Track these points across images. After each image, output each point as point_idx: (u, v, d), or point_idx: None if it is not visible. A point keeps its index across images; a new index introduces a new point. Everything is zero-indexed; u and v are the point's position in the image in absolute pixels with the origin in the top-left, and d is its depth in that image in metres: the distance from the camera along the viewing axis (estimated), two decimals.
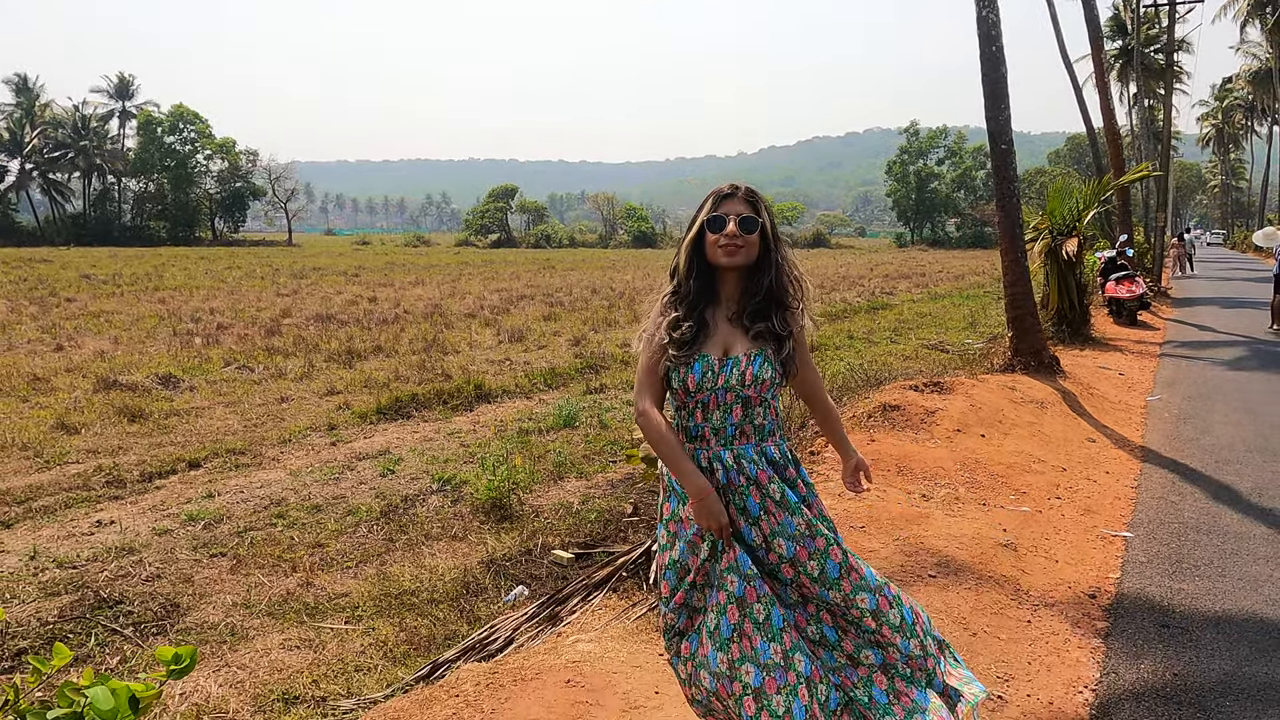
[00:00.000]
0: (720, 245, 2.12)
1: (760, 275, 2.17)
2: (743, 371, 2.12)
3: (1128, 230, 17.90)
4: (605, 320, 16.90)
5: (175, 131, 69.95)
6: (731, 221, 2.13)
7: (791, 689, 1.99)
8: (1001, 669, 2.92)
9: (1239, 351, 10.99)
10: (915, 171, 78.12)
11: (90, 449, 7.40)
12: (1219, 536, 4.19)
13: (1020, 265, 8.39)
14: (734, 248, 2.12)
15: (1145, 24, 31.66)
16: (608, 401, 9.27)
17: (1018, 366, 8.05)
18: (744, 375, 2.12)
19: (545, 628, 3.47)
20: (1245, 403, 7.63)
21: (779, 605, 2.07)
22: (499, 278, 30.29)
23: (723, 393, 2.13)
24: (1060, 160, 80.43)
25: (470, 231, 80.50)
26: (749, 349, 2.15)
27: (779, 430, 2.22)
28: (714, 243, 2.14)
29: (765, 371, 2.13)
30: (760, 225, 2.17)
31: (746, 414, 2.15)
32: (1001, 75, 7.62)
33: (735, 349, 2.16)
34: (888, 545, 3.78)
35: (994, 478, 4.84)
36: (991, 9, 7.41)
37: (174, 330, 14.72)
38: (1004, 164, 8.05)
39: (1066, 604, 3.41)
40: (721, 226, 2.13)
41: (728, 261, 2.14)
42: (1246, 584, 3.64)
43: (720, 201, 2.17)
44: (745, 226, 2.13)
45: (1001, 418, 5.93)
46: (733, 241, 2.12)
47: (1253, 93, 53.19)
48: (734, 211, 2.15)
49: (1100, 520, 4.46)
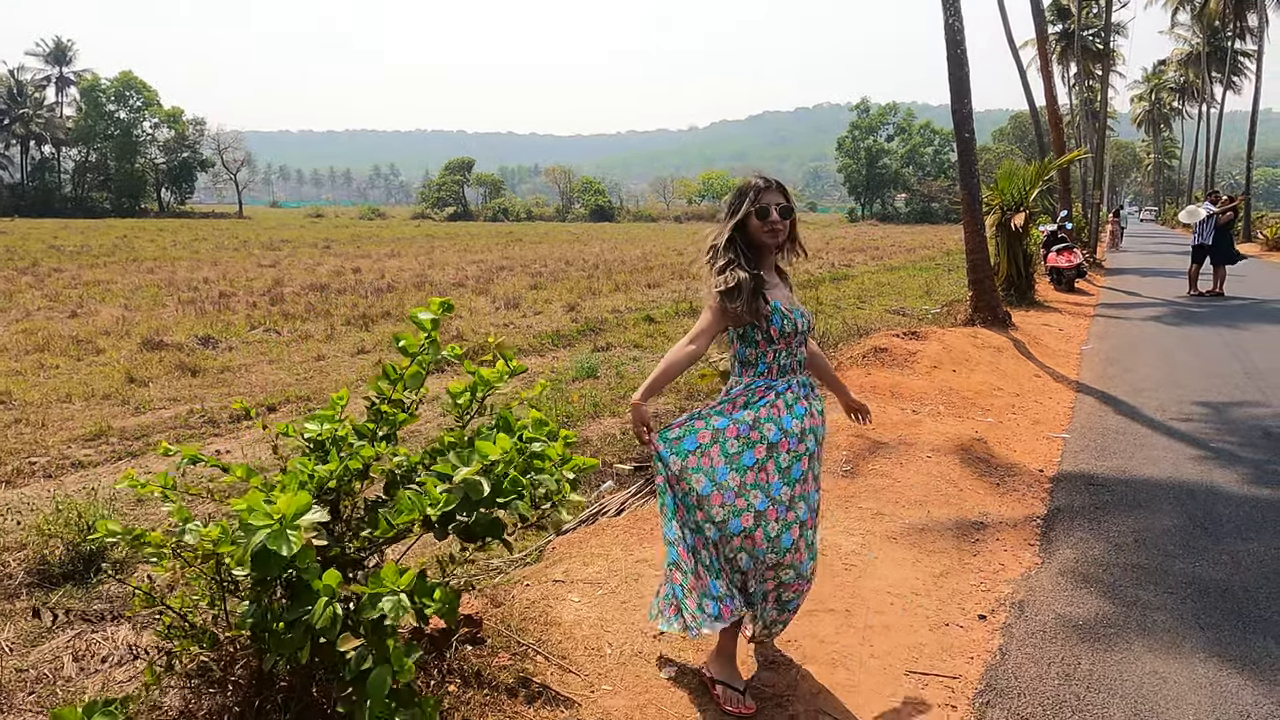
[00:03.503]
0: (765, 230, 2.55)
1: (788, 250, 2.67)
2: (807, 319, 2.66)
3: (1067, 206, 19.52)
4: (589, 289, 17.91)
5: (120, 100, 67.90)
6: (774, 210, 2.54)
7: (787, 524, 2.50)
8: (984, 508, 4.24)
9: (1159, 311, 12.64)
10: (866, 148, 80.00)
11: (169, 398, 8.27)
12: (1131, 436, 5.60)
13: (980, 236, 9.78)
14: (776, 231, 2.56)
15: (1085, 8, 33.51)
16: (617, 358, 10.36)
17: (977, 321, 9.50)
18: (809, 321, 2.67)
19: (649, 498, 4.65)
20: (1160, 350, 9.16)
21: (800, 465, 2.57)
22: (470, 250, 30.92)
23: (801, 336, 2.64)
24: (1004, 138, 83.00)
25: (427, 204, 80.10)
26: (796, 301, 2.69)
27: None
28: (759, 228, 2.55)
29: (811, 318, 2.72)
30: (792, 211, 2.61)
31: (804, 350, 2.70)
32: (964, 74, 8.92)
33: (792, 301, 2.67)
34: (893, 439, 5.08)
35: (965, 400, 6.19)
36: (956, 17, 8.68)
37: (179, 299, 15.34)
38: (966, 150, 9.38)
39: (1024, 474, 4.78)
40: (766, 215, 2.54)
41: (772, 243, 2.58)
42: (1147, 462, 5.06)
43: (760, 194, 2.56)
44: (784, 214, 2.57)
45: (968, 358, 7.32)
46: (775, 226, 2.55)
47: (1183, 75, 55.83)
48: (774, 202, 2.55)
49: (1046, 428, 5.86)
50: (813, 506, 2.61)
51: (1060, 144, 19.70)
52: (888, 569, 3.56)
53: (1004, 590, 3.41)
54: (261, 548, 1.59)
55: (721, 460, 2.50)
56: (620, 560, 3.51)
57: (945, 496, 4.36)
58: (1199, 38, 47.65)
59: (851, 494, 4.38)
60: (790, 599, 2.59)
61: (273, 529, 1.60)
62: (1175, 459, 5.13)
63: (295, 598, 1.77)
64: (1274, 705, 2.60)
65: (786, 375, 2.62)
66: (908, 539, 3.87)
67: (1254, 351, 8.91)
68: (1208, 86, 48.59)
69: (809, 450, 2.58)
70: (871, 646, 2.95)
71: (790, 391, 2.60)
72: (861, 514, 4.12)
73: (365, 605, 1.70)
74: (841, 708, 2.60)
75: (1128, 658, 2.87)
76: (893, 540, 3.85)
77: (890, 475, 4.61)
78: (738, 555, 2.52)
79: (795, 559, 2.52)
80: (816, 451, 2.64)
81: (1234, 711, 2.57)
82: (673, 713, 2.54)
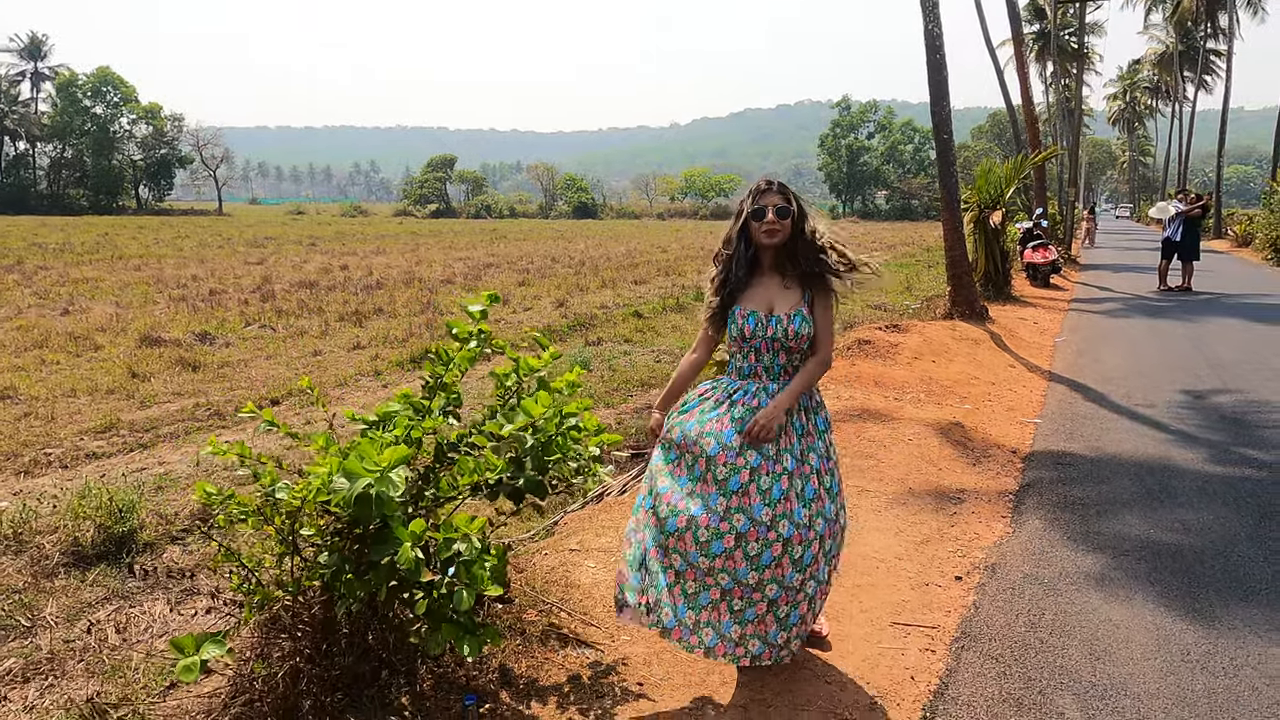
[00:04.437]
0: (762, 230, 2.63)
1: (793, 249, 2.67)
2: (785, 328, 2.63)
3: (1043, 204, 20.02)
4: (577, 286, 18.16)
5: (98, 96, 67.19)
6: (770, 211, 2.62)
7: (768, 542, 2.48)
8: (963, 483, 4.60)
9: (1129, 306, 13.13)
10: (847, 145, 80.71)
11: (172, 392, 8.47)
12: (1097, 421, 5.99)
13: (958, 233, 10.17)
14: (773, 231, 2.63)
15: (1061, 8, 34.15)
16: (608, 352, 10.66)
17: (955, 315, 9.91)
18: (785, 330, 2.62)
19: None
20: (1129, 342, 9.59)
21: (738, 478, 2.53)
22: (456, 247, 31.04)
23: (770, 341, 2.64)
24: (983, 135, 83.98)
25: (409, 201, 79.95)
26: (790, 308, 2.65)
27: None
28: (757, 229, 2.64)
29: (803, 327, 2.63)
30: (791, 211, 2.65)
31: (789, 359, 2.67)
32: (943, 78, 9.30)
33: (778, 308, 2.65)
34: (878, 424, 5.42)
35: (944, 388, 6.56)
36: (936, 24, 9.05)
37: (169, 296, 15.45)
38: (945, 150, 9.76)
39: (998, 455, 5.16)
40: (762, 216, 2.63)
41: (768, 242, 2.64)
42: (1111, 443, 5.46)
43: (759, 196, 2.66)
44: (780, 214, 2.63)
45: (946, 349, 7.70)
46: (771, 226, 2.62)
47: (1157, 74, 56.82)
48: (771, 203, 2.63)
49: (1019, 413, 6.24)
50: (802, 521, 2.52)
51: (1036, 143, 20.20)
52: (873, 538, 3.89)
53: (978, 555, 3.76)
54: (362, 492, 1.88)
55: (671, 468, 2.65)
56: None
57: (925, 474, 4.71)
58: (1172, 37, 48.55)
59: None
60: (787, 613, 2.55)
61: (376, 476, 1.89)
62: (1137, 441, 5.52)
63: (377, 544, 2.06)
64: (1210, 645, 2.96)
65: (747, 379, 2.68)
66: (891, 512, 4.21)
67: (1216, 344, 9.37)
68: (1180, 86, 49.54)
69: (749, 465, 2.53)
70: (860, 602, 3.29)
71: (741, 404, 2.62)
72: (849, 490, 4.46)
73: (443, 546, 2.00)
74: (831, 652, 2.93)
75: (1086, 609, 3.22)
76: (878, 513, 4.19)
77: (874, 456, 4.96)
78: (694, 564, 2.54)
79: (777, 573, 2.50)
80: (798, 469, 2.56)
81: (1175, 649, 2.93)
82: (683, 658, 2.85)
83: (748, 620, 2.54)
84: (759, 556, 2.49)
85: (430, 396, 2.47)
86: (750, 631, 2.54)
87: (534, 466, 2.24)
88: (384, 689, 2.45)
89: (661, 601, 2.58)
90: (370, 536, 2.12)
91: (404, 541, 1.96)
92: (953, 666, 2.84)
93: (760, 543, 2.49)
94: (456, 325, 2.59)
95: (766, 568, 2.49)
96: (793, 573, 2.51)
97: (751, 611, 2.54)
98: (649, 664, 2.81)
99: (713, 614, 2.55)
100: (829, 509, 2.61)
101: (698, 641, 2.55)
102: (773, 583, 2.51)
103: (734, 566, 2.50)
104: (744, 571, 2.50)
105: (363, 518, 1.99)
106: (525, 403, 2.23)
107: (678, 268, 22.17)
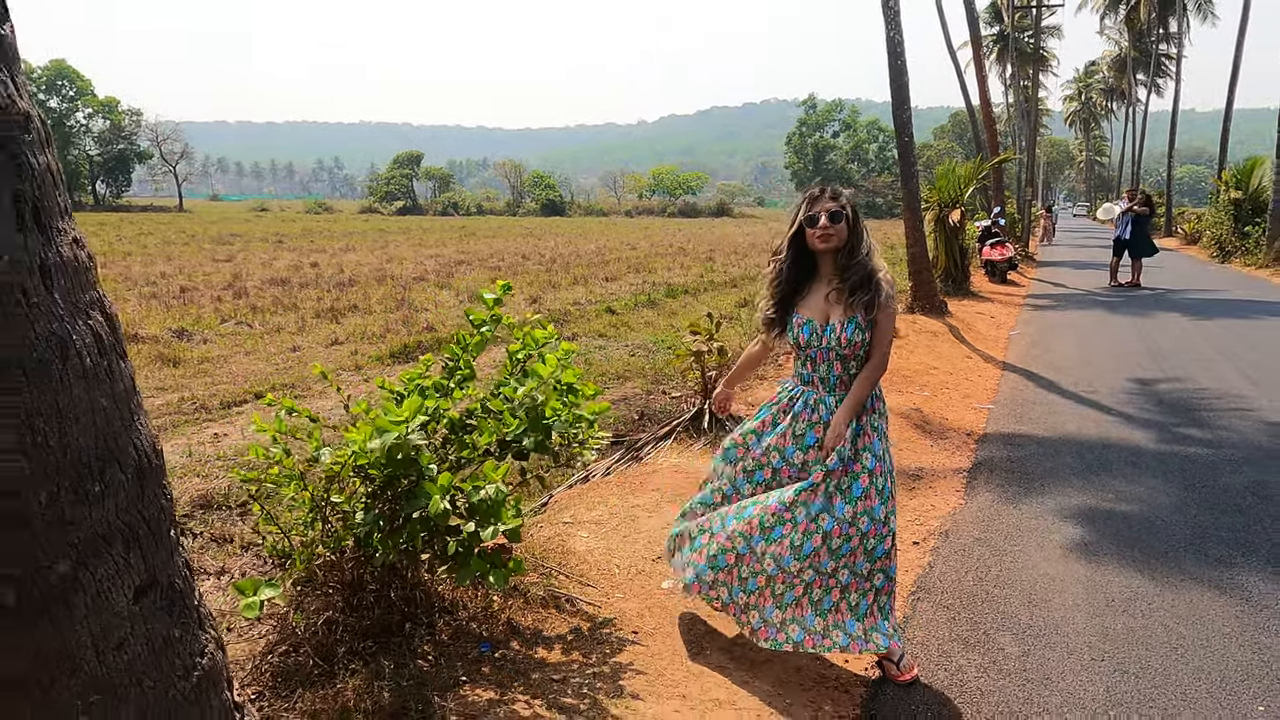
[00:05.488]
0: (817, 236, 2.63)
1: (850, 255, 2.65)
2: (838, 336, 2.62)
3: (1001, 203, 20.70)
4: (549, 283, 18.38)
5: (53, 89, 65.70)
6: (823, 216, 2.63)
7: (808, 533, 2.62)
8: (921, 462, 5.00)
9: (1081, 301, 13.76)
10: (813, 144, 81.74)
11: (155, 387, 8.59)
12: (1045, 405, 6.46)
13: (918, 231, 10.65)
14: (826, 236, 2.62)
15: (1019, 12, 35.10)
16: (583, 346, 10.93)
17: (916, 309, 10.38)
18: (839, 338, 2.62)
19: (631, 463, 5.28)
20: (1078, 334, 10.15)
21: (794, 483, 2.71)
22: (426, 244, 31.02)
23: (825, 351, 2.65)
24: (944, 135, 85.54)
25: (375, 198, 79.28)
26: (844, 316, 2.64)
27: None
28: (811, 235, 2.65)
29: (857, 335, 2.61)
30: (845, 216, 2.64)
31: (845, 368, 2.68)
32: (904, 83, 9.75)
33: (833, 316, 2.65)
34: None
35: (905, 378, 6.99)
36: (897, 31, 9.49)
37: (140, 293, 15.41)
38: (906, 152, 10.22)
39: (955, 435, 5.60)
40: (815, 222, 2.64)
41: (823, 248, 2.64)
42: (1057, 425, 5.93)
43: (813, 202, 2.67)
44: (833, 219, 2.63)
45: (908, 341, 8.15)
46: (825, 232, 2.62)
47: (1112, 77, 58.43)
48: (824, 209, 2.63)
49: (975, 400, 6.69)
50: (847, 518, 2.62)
51: (994, 144, 20.89)
52: None
53: (934, 524, 4.15)
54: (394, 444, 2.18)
55: (740, 472, 2.89)
56: (617, 506, 4.15)
57: None
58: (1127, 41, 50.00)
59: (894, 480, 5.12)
60: (857, 601, 2.64)
61: (401, 429, 2.20)
62: (1081, 422, 5.98)
63: (410, 499, 2.37)
64: (1131, 593, 3.38)
65: (807, 386, 2.75)
66: None
67: (1159, 335, 9.95)
68: (1133, 88, 51.04)
69: (810, 474, 2.68)
70: None
71: (803, 418, 2.73)
72: None
73: (472, 492, 2.31)
74: None
75: (1026, 565, 3.63)
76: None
77: None
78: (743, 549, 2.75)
79: (815, 561, 2.62)
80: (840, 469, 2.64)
81: (1101, 597, 3.34)
82: (672, 611, 3.19)
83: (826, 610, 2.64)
84: (801, 547, 2.62)
85: (450, 376, 2.77)
86: (832, 622, 2.64)
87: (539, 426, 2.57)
88: (408, 639, 2.75)
89: (750, 605, 2.71)
90: (402, 494, 2.42)
91: (433, 495, 2.27)
92: (910, 615, 3.22)
93: (804, 534, 2.63)
94: (473, 313, 2.89)
95: (809, 556, 2.61)
96: (827, 560, 2.61)
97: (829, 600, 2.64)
98: (642, 616, 3.14)
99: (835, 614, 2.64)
100: (878, 510, 2.63)
101: (785, 638, 2.65)
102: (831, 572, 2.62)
103: (818, 561, 2.62)
104: (824, 562, 2.62)
105: (397, 471, 2.30)
106: (535, 365, 2.55)
107: (648, 265, 22.50)
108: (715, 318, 5.62)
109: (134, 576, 1.42)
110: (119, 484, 1.41)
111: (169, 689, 1.46)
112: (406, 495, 2.38)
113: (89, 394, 1.37)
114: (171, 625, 1.50)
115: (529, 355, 2.95)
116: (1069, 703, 2.66)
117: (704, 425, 5.30)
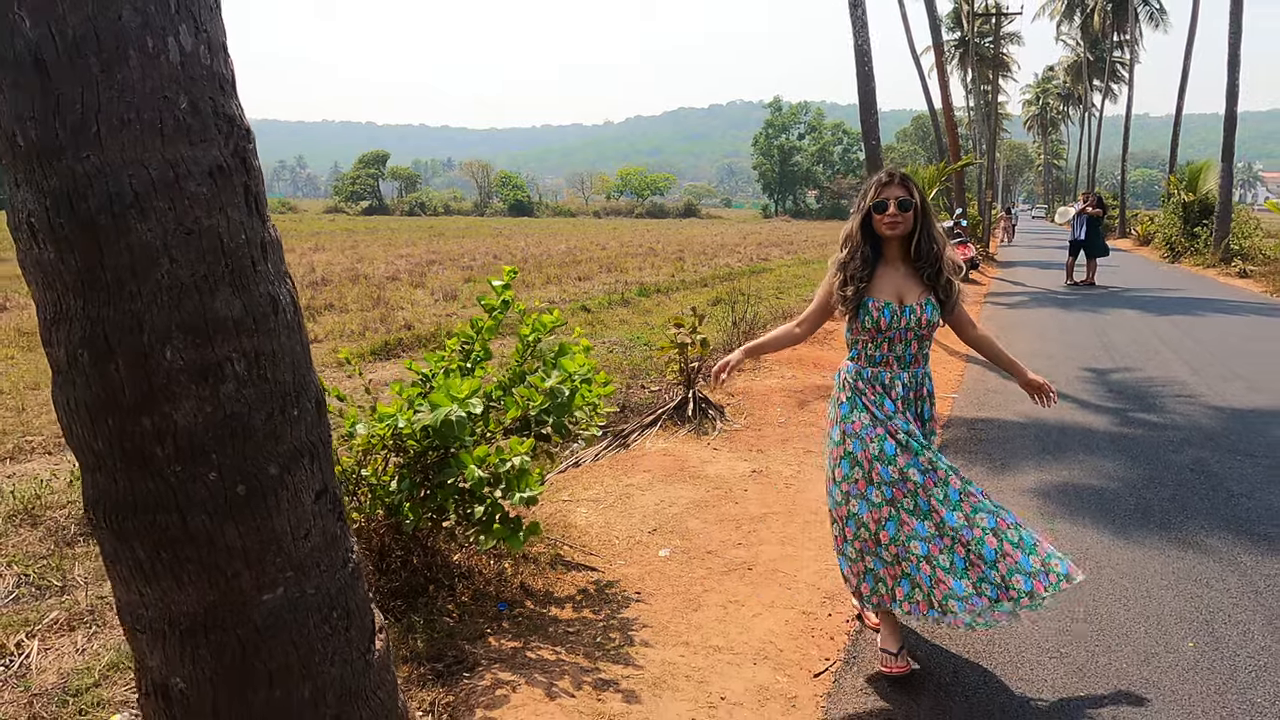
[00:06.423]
0: (885, 223, 2.67)
1: (930, 241, 2.70)
2: (918, 317, 2.69)
3: (963, 204, 21.37)
4: (522, 282, 18.56)
5: None
6: (892, 204, 2.66)
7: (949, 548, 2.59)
8: None
9: (1039, 299, 14.35)
10: (779, 146, 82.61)
11: None
12: (1005, 394, 6.87)
13: None
14: (895, 223, 2.66)
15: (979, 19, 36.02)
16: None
17: None
18: (919, 319, 2.69)
19: (619, 450, 5.56)
20: (1037, 329, 10.66)
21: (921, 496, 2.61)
22: (395, 244, 30.94)
23: (904, 331, 2.70)
24: (907, 138, 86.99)
25: (341, 198, 78.54)
26: (919, 297, 2.70)
27: None
28: (880, 221, 2.68)
29: (935, 315, 2.72)
30: (913, 204, 2.67)
31: (920, 346, 2.75)
32: (871, 89, 10.15)
33: (909, 298, 2.70)
34: (820, 399, 6.16)
35: None
36: (865, 39, 9.90)
37: None
38: (874, 155, 10.64)
39: None
40: (884, 209, 2.67)
41: (890, 234, 2.68)
42: (1016, 411, 6.33)
43: (881, 189, 2.70)
44: (902, 207, 2.66)
45: None
46: (894, 219, 2.66)
47: (1069, 82, 59.99)
48: (893, 196, 2.67)
49: (940, 390, 7.01)
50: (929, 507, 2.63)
51: (956, 147, 21.52)
52: (816, 487, 4.59)
53: None
54: (445, 419, 2.44)
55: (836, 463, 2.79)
56: (612, 485, 4.43)
57: None
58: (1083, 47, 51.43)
59: (787, 437, 5.43)
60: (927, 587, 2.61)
61: (456, 405, 2.46)
62: (1038, 408, 6.36)
63: (444, 468, 2.63)
64: (1080, 553, 3.75)
65: (878, 367, 2.74)
66: None
67: (1111, 330, 10.49)
68: (1089, 93, 52.52)
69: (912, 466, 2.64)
70: (809, 534, 3.97)
71: (871, 395, 2.70)
72: (796, 451, 5.17)
73: (499, 464, 2.58)
74: (790, 568, 3.59)
75: None
76: (820, 469, 4.89)
77: (816, 425, 5.69)
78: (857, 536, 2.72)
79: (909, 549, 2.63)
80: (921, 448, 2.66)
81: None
82: (670, 576, 3.48)
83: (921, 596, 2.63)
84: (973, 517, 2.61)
85: (466, 358, 3.03)
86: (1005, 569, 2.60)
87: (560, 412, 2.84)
88: (433, 599, 3.01)
89: (933, 598, 2.61)
90: (434, 465, 2.68)
91: (467, 464, 2.53)
92: None
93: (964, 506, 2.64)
94: (485, 299, 3.15)
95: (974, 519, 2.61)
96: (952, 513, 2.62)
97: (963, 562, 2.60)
98: (643, 579, 3.43)
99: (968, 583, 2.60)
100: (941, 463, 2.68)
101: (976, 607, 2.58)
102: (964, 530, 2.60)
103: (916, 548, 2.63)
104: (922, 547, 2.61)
105: (441, 442, 2.55)
106: (564, 361, 2.82)
107: (619, 264, 22.76)
108: (698, 311, 5.92)
109: (314, 483, 1.79)
110: (307, 411, 1.80)
111: (335, 573, 1.85)
112: (438, 466, 2.64)
113: (290, 341, 1.75)
114: (336, 524, 1.86)
115: (538, 339, 3.21)
116: (1026, 643, 3.00)
117: (689, 413, 5.60)
